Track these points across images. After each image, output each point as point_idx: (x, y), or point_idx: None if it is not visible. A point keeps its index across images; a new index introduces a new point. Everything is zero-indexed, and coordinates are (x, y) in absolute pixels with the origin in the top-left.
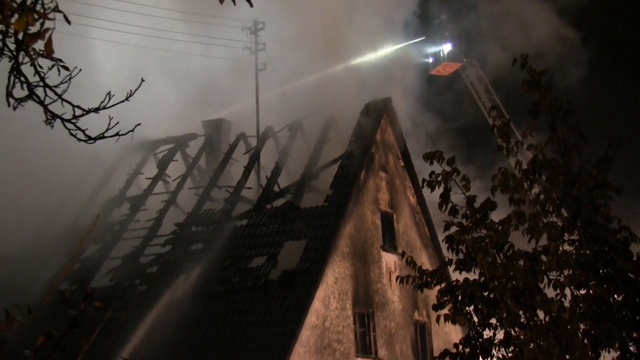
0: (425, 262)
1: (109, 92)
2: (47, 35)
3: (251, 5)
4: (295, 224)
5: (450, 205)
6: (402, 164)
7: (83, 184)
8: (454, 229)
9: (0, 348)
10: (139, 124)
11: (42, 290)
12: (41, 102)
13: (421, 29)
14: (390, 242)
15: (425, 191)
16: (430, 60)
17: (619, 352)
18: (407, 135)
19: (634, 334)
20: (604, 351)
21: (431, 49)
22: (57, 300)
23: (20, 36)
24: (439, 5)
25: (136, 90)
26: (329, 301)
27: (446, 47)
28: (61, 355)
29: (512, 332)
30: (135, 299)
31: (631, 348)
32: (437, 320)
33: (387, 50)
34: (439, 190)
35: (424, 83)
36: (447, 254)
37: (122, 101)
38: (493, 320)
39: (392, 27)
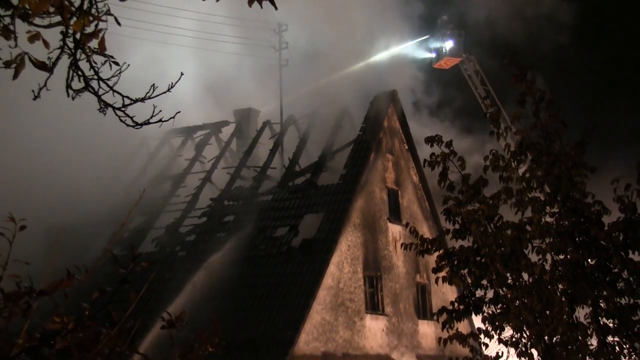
0: (426, 231)
1: (153, 84)
2: (100, 35)
3: (275, 7)
4: (314, 199)
5: (448, 182)
6: (406, 147)
7: (131, 164)
8: (451, 202)
9: (63, 301)
10: (179, 112)
11: (97, 254)
12: (95, 93)
13: (425, 28)
14: (395, 214)
15: (426, 170)
16: (434, 55)
17: (591, 308)
18: (410, 119)
19: (604, 293)
20: (578, 307)
21: (434, 46)
22: (109, 262)
23: (77, 36)
24: (442, 7)
25: (176, 82)
26: (343, 265)
27: (448, 44)
28: (113, 307)
29: (501, 292)
30: (176, 263)
31: (601, 304)
32: (436, 281)
33: (395, 47)
34: (438, 170)
35: (427, 75)
36: (445, 225)
37: (165, 92)
38: (484, 282)
39: (400, 27)
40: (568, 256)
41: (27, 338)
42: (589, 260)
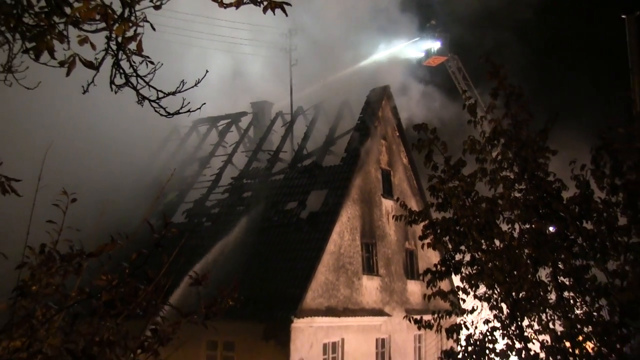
0: (413, 205)
1: (183, 80)
2: (138, 38)
3: (286, 14)
4: (319, 178)
5: (432, 163)
6: (397, 133)
7: (164, 148)
8: (435, 180)
9: (108, 262)
10: (204, 104)
11: (136, 223)
12: (134, 88)
13: (416, 30)
14: (388, 191)
15: (414, 153)
16: (423, 54)
17: (551, 269)
18: (401, 111)
19: (562, 256)
20: (540, 268)
21: (423, 46)
22: (146, 230)
23: (119, 39)
24: (431, 11)
25: (202, 79)
26: (343, 234)
27: (435, 45)
28: (149, 267)
29: (476, 256)
30: (202, 232)
31: (560, 266)
32: (422, 247)
33: (389, 48)
34: (424, 152)
35: (416, 72)
36: (430, 199)
37: (192, 87)
38: (462, 247)
39: (393, 31)
40: (533, 225)
41: (79, 292)
42: (550, 228)
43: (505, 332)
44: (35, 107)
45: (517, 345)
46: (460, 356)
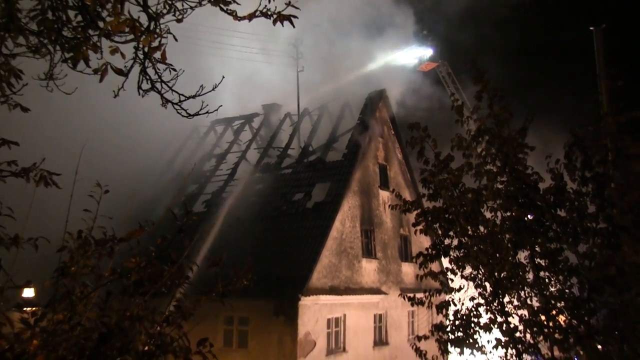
0: (407, 196)
1: (202, 85)
2: (162, 48)
3: (293, 26)
4: (323, 172)
5: (424, 158)
6: (393, 132)
7: (186, 145)
8: (426, 173)
9: (136, 246)
10: (221, 106)
11: (161, 212)
12: (159, 92)
13: (411, 39)
14: (384, 183)
15: (408, 149)
16: (416, 61)
17: (529, 251)
18: (396, 111)
19: (539, 240)
20: (520, 251)
21: (417, 54)
22: (170, 218)
23: (146, 49)
24: (425, 22)
25: (219, 83)
26: (345, 222)
27: (427, 53)
28: (173, 251)
29: (463, 240)
30: (219, 220)
31: (537, 249)
32: (415, 233)
33: (385, 55)
34: (417, 148)
35: (410, 76)
36: (422, 190)
37: (210, 91)
38: (451, 233)
39: (389, 40)
40: (513, 213)
41: (111, 272)
42: (528, 216)
43: (488, 307)
44: (72, 110)
45: (499, 319)
46: (448, 329)
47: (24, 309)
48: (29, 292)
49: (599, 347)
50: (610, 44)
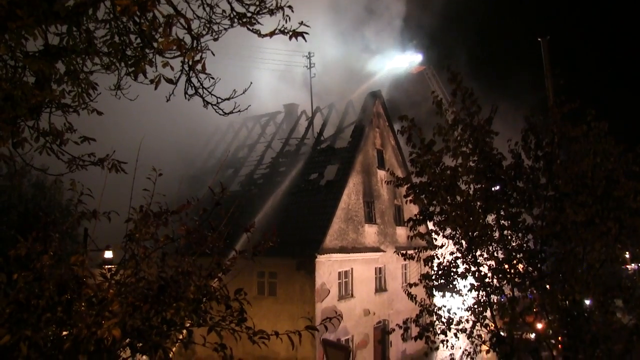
0: (399, 173)
1: (234, 89)
2: (203, 61)
3: (305, 40)
4: (333, 156)
5: (412, 143)
6: (387, 123)
7: (223, 138)
8: (414, 155)
9: (185, 217)
10: (250, 105)
11: (204, 191)
12: (201, 96)
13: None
14: (381, 163)
15: (399, 137)
16: (407, 65)
17: (495, 215)
18: (390, 106)
19: (503, 206)
20: (488, 215)
21: (408, 59)
22: (209, 195)
23: (190, 62)
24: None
25: (248, 88)
26: (351, 195)
27: (417, 58)
28: (212, 220)
29: (444, 207)
30: (251, 196)
31: (502, 213)
32: (406, 202)
33: (382, 61)
34: (406, 135)
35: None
36: (411, 169)
37: (241, 94)
38: (434, 202)
39: (385, 48)
40: (483, 185)
41: (166, 238)
42: (494, 187)
43: (464, 260)
44: (134, 112)
45: (473, 268)
46: (433, 277)
47: (105, 266)
48: (108, 254)
49: (548, 287)
50: (554, 51)
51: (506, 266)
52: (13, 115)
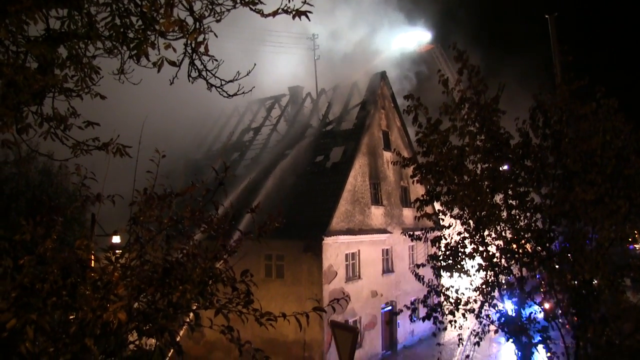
0: (405, 154)
1: (238, 71)
2: (205, 42)
3: (309, 19)
4: (338, 138)
5: (418, 122)
6: (392, 104)
7: (228, 122)
8: (420, 135)
9: (189, 199)
10: (254, 87)
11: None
12: (204, 78)
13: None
14: (387, 145)
15: (405, 117)
16: (416, 44)
17: (503, 195)
18: (396, 86)
19: (511, 185)
20: (496, 194)
21: (416, 38)
22: (214, 178)
23: (193, 44)
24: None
25: (252, 69)
26: (357, 177)
27: (425, 37)
28: (214, 200)
29: (451, 187)
30: (257, 179)
31: (509, 192)
32: (412, 183)
33: (390, 39)
34: (412, 114)
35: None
36: (417, 149)
37: (244, 76)
38: (441, 182)
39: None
40: (490, 165)
41: (170, 219)
42: (502, 166)
43: (472, 240)
44: (138, 96)
45: (480, 248)
46: (441, 258)
47: (114, 251)
48: (116, 239)
49: (557, 266)
50: (562, 28)
51: (514, 246)
52: (16, 101)
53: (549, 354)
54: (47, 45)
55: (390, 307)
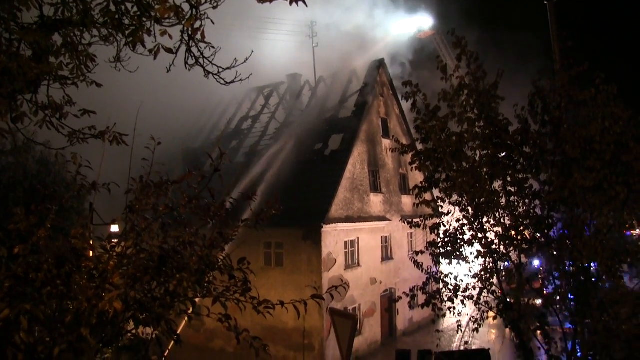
0: (404, 141)
1: (235, 58)
2: (202, 29)
3: (306, 5)
4: (337, 125)
5: (416, 109)
6: (391, 92)
7: (227, 110)
8: (419, 121)
9: (186, 187)
10: (251, 74)
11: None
12: (202, 66)
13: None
14: (386, 132)
15: (403, 103)
16: (416, 30)
17: (502, 181)
18: (395, 72)
19: (510, 172)
20: (495, 181)
21: (417, 23)
22: (211, 163)
23: (189, 31)
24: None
25: (249, 57)
26: (356, 165)
27: (426, 22)
28: (210, 188)
29: (450, 174)
30: (256, 166)
31: (508, 179)
32: (411, 170)
33: (388, 24)
34: (411, 101)
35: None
36: (416, 135)
37: (242, 63)
38: (440, 169)
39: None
40: (489, 151)
41: (165, 207)
42: (501, 153)
43: (470, 227)
44: (134, 84)
45: (479, 235)
46: (440, 245)
47: (110, 239)
48: (115, 228)
49: (555, 253)
50: (561, 13)
51: (513, 233)
52: (11, 89)
53: (547, 340)
54: (41, 32)
55: (389, 294)
